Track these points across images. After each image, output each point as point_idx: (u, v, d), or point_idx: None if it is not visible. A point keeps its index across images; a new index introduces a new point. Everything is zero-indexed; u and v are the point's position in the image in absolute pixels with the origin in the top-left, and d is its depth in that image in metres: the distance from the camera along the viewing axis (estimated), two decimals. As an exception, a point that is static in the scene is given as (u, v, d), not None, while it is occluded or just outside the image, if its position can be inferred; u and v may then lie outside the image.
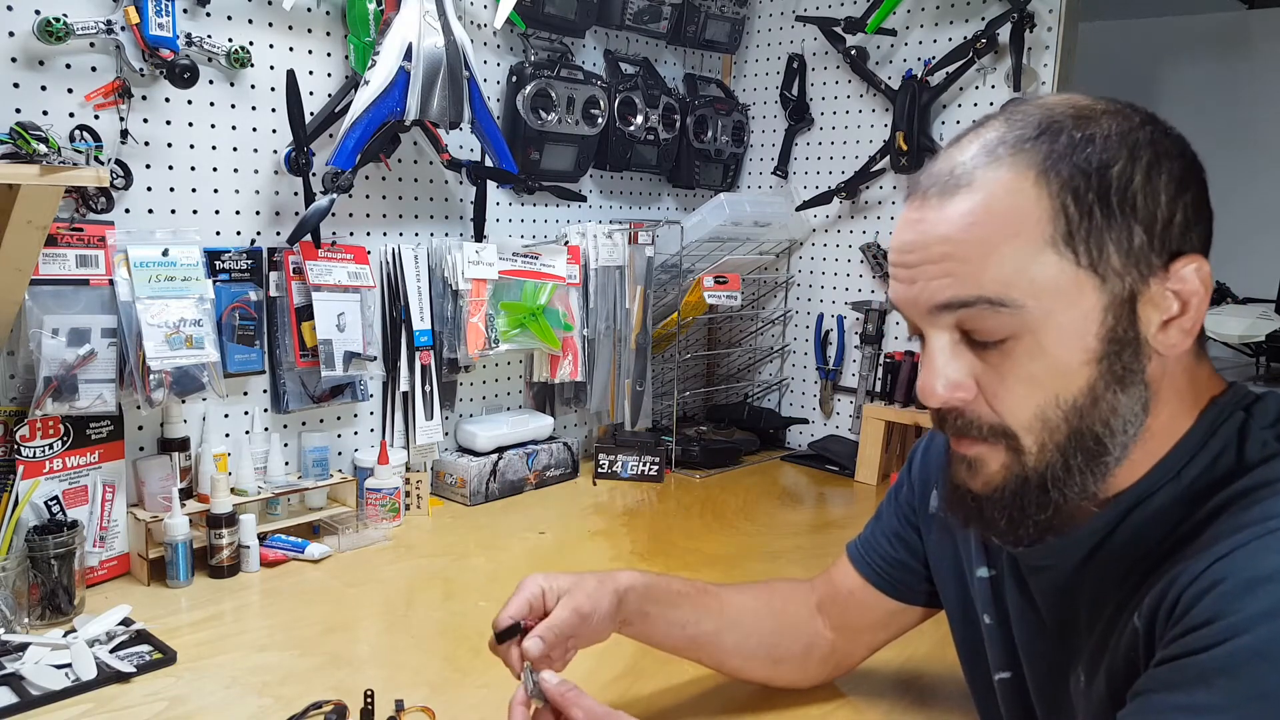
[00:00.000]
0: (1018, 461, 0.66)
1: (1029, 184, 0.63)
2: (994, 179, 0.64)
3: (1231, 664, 0.55)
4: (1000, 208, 0.63)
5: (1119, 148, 0.63)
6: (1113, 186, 0.62)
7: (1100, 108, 0.65)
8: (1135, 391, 0.64)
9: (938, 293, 0.65)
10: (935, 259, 0.65)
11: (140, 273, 1.36)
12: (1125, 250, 0.62)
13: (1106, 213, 0.62)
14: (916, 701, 1.09)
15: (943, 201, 0.65)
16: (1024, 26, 1.83)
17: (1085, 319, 0.63)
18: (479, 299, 1.77)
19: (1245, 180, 3.02)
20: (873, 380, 2.15)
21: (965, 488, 0.70)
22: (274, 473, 1.55)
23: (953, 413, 0.68)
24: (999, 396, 0.65)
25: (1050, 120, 0.64)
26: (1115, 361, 0.63)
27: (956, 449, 0.70)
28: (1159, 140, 0.64)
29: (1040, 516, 0.67)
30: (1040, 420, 0.65)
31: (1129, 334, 0.63)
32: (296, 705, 1.02)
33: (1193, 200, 0.64)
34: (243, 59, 1.47)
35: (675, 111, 2.17)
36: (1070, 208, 0.62)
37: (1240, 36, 3.26)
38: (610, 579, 0.94)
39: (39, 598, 1.22)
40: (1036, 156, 0.63)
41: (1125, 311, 0.63)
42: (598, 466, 1.98)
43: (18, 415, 1.27)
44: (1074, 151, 0.63)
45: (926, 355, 0.68)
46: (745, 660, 1.03)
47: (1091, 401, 0.64)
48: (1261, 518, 0.59)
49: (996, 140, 0.65)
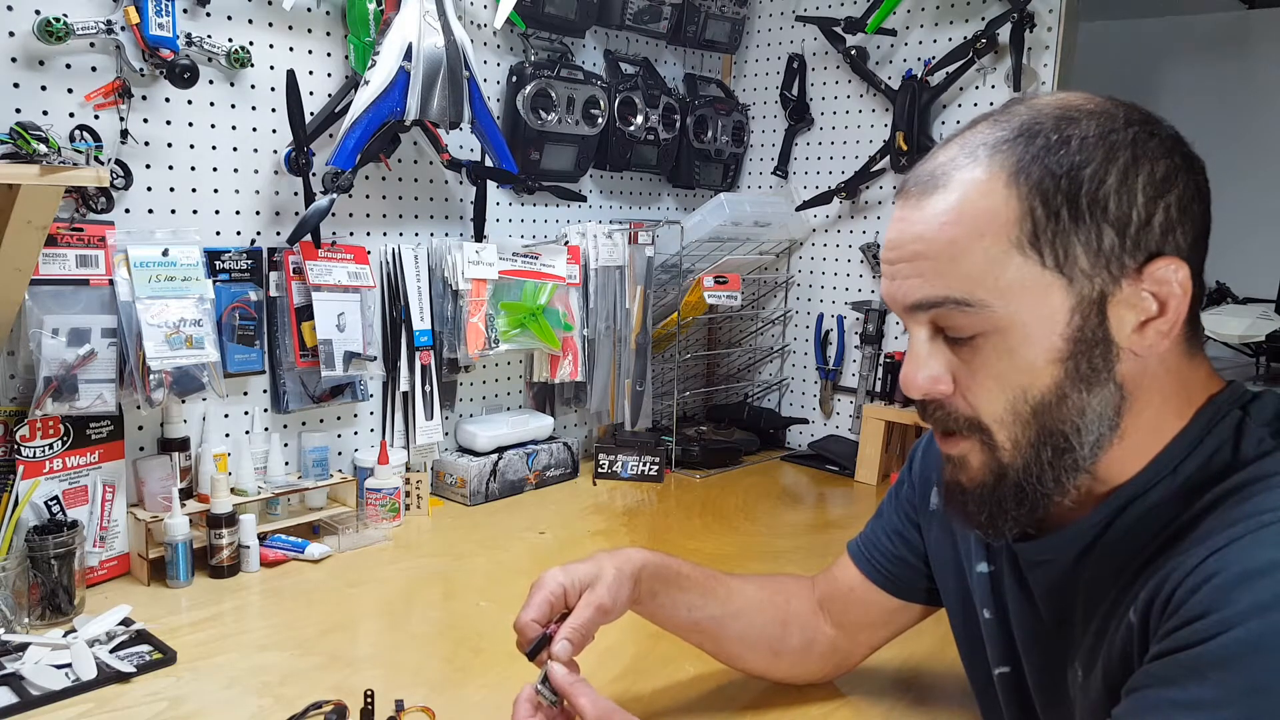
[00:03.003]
0: (994, 458, 0.68)
1: (1001, 185, 0.64)
2: (969, 180, 0.65)
3: (1226, 658, 0.55)
4: (971, 208, 0.65)
5: (1095, 149, 0.63)
6: (1083, 189, 0.63)
7: (1089, 108, 0.66)
8: (1104, 392, 0.65)
9: (910, 292, 0.68)
10: (909, 257, 0.67)
11: (140, 273, 1.36)
12: (1094, 252, 0.63)
13: (1075, 214, 0.63)
14: (916, 701, 1.09)
15: (921, 201, 0.67)
16: (1024, 26, 1.83)
17: (1051, 319, 0.64)
18: (479, 299, 1.77)
19: (1245, 180, 3.02)
20: (873, 380, 2.15)
21: (953, 483, 0.72)
22: (274, 473, 1.55)
23: (933, 404, 0.70)
24: (972, 390, 0.68)
25: (1032, 122, 0.65)
26: (1082, 361, 0.64)
27: (942, 448, 0.72)
28: (1142, 141, 0.64)
29: (1017, 512, 0.69)
30: (1011, 415, 0.66)
31: (1097, 335, 0.64)
32: (296, 705, 1.02)
33: (1178, 200, 0.64)
34: (243, 59, 1.47)
35: (675, 111, 2.17)
36: (1038, 210, 0.63)
37: (1240, 36, 3.25)
38: (626, 563, 0.94)
39: (39, 598, 1.22)
40: (1011, 159, 0.64)
41: (1094, 312, 0.64)
42: (598, 466, 1.98)
43: (18, 415, 1.27)
44: (1048, 154, 0.64)
45: (909, 348, 0.70)
46: (746, 649, 1.03)
47: (1058, 399, 0.65)
48: (1255, 512, 0.59)
49: (978, 142, 0.67)
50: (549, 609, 0.89)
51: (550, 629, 0.87)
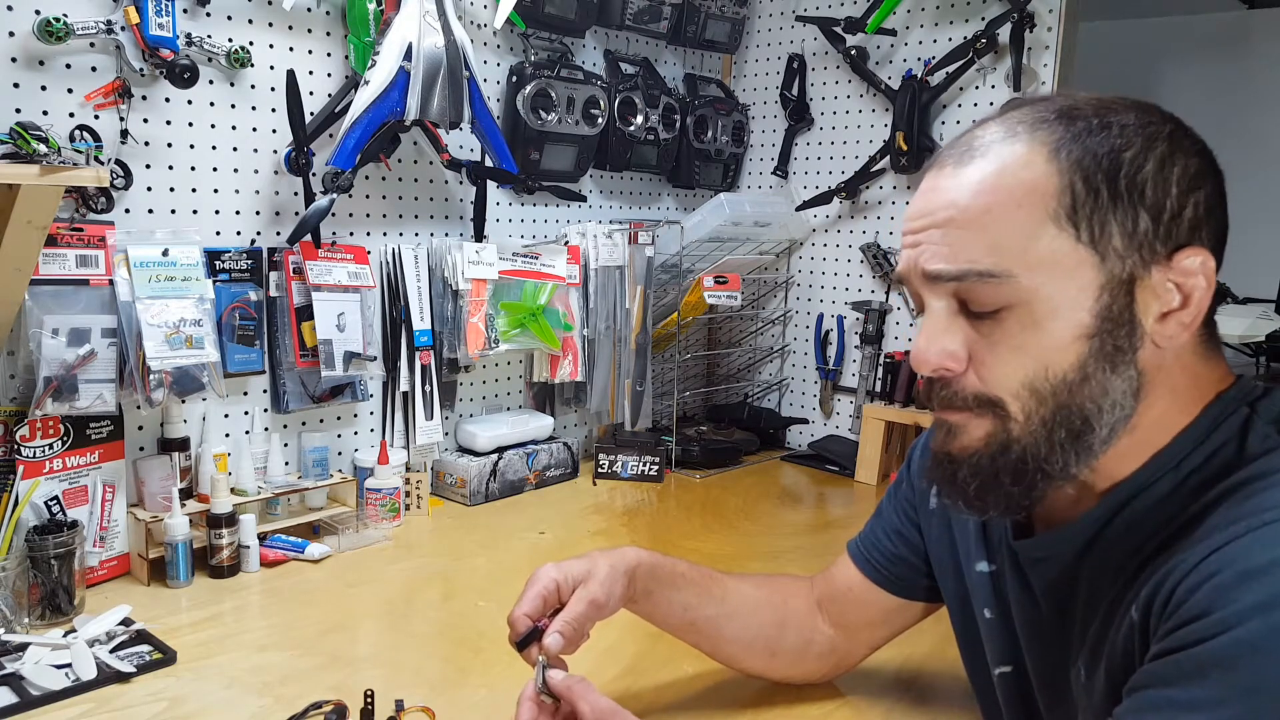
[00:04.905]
0: (1003, 429, 0.67)
1: (1041, 159, 0.64)
2: (1009, 152, 0.65)
3: (1226, 658, 0.55)
4: (1010, 178, 0.65)
5: (1135, 136, 0.64)
6: (1123, 170, 0.63)
7: (1125, 103, 0.67)
8: (1126, 374, 0.65)
9: (933, 260, 0.67)
10: (940, 224, 0.66)
11: (140, 273, 1.36)
12: (1129, 233, 0.63)
13: (1114, 194, 0.63)
14: (917, 701, 1.09)
15: (957, 170, 0.67)
16: (1024, 26, 1.83)
17: (1080, 294, 0.64)
18: (479, 299, 1.77)
19: (1245, 180, 2.98)
20: (873, 380, 2.15)
21: (942, 451, 0.71)
22: (274, 473, 1.55)
23: (939, 383, 0.69)
24: (988, 365, 0.66)
25: (1072, 107, 0.66)
26: (1107, 340, 0.64)
27: (939, 416, 0.71)
28: (1178, 137, 0.65)
29: (1012, 489, 0.67)
30: (1029, 390, 0.65)
31: (1124, 315, 0.64)
32: (296, 705, 1.02)
33: (1205, 199, 0.65)
34: (243, 59, 1.47)
35: (675, 111, 2.17)
36: (1078, 185, 0.63)
37: (1240, 36, 3.25)
38: (620, 560, 0.95)
39: (39, 598, 1.22)
40: (1053, 135, 0.65)
41: (1122, 293, 0.64)
42: (598, 466, 1.98)
43: (18, 415, 1.27)
44: (1089, 134, 0.64)
45: (925, 321, 0.69)
46: (742, 649, 1.03)
47: (1081, 378, 0.64)
48: (1257, 510, 0.59)
49: (1016, 120, 0.67)
50: (542, 604, 0.89)
51: (542, 623, 0.88)
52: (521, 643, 0.87)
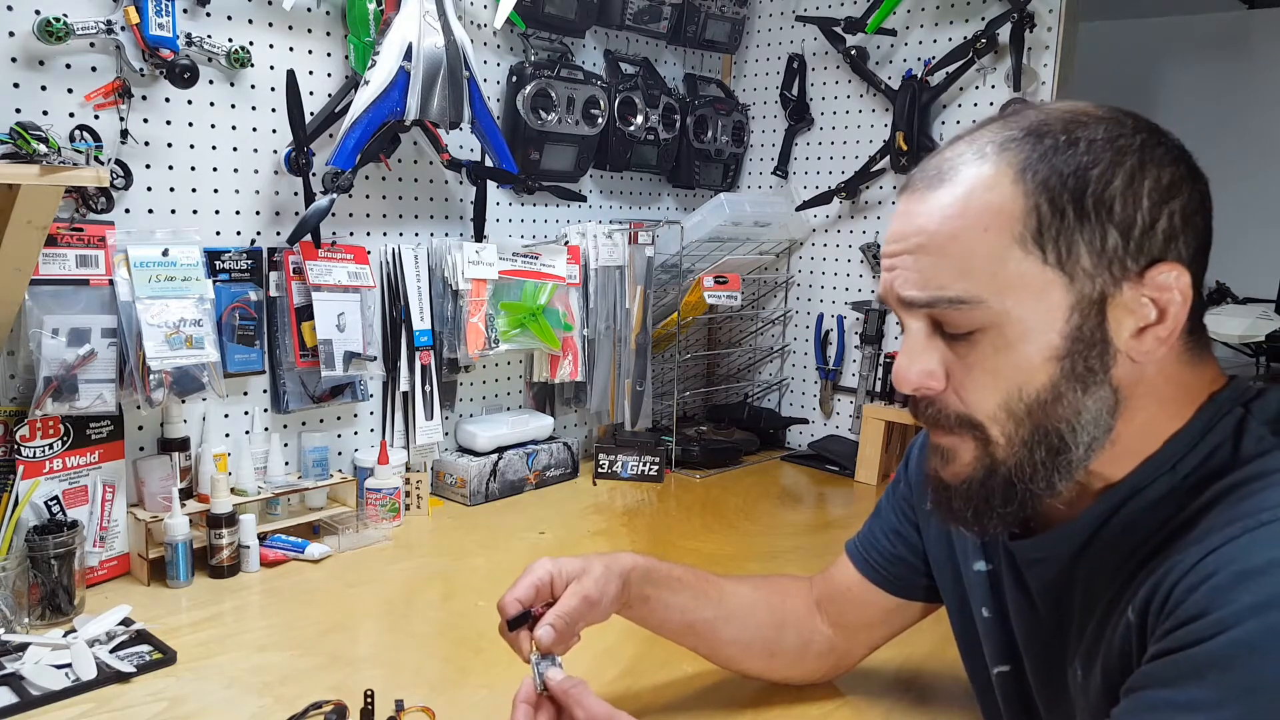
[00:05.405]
0: (986, 453, 0.68)
1: (1008, 180, 0.64)
2: (975, 175, 0.65)
3: (1223, 658, 0.55)
4: (977, 201, 0.65)
5: (1102, 151, 0.64)
6: (1089, 188, 0.63)
7: (1097, 114, 0.66)
8: (1098, 394, 0.65)
9: (905, 287, 0.67)
10: (911, 249, 0.67)
11: (140, 273, 1.36)
12: (1098, 252, 0.63)
13: (1080, 213, 0.63)
14: (916, 701, 1.09)
15: (926, 194, 0.67)
16: (1024, 26, 1.83)
17: (1049, 316, 0.64)
18: (479, 299, 1.77)
19: (1245, 180, 3.02)
20: (873, 380, 2.15)
21: (937, 476, 0.72)
22: (274, 473, 1.56)
23: (924, 401, 0.70)
24: (965, 387, 0.67)
25: (1041, 123, 0.66)
26: (1079, 361, 0.64)
27: (933, 439, 0.72)
28: (1149, 148, 0.64)
29: (1005, 510, 0.68)
30: (1005, 411, 0.66)
31: (1095, 335, 0.64)
32: (296, 705, 1.02)
33: (1182, 208, 0.64)
34: (243, 59, 1.47)
35: (675, 111, 2.17)
36: (1043, 206, 0.63)
37: (1240, 36, 3.25)
38: (615, 562, 0.95)
39: (39, 598, 1.22)
40: (1019, 156, 0.65)
41: (1093, 312, 0.64)
42: (598, 466, 1.98)
43: (18, 415, 1.27)
44: (1055, 153, 0.64)
45: (904, 342, 0.70)
46: (740, 651, 1.03)
47: (1054, 398, 0.65)
48: (1254, 510, 0.59)
49: (986, 140, 0.67)
50: (534, 592, 0.89)
51: (535, 610, 0.88)
52: (512, 624, 0.87)
